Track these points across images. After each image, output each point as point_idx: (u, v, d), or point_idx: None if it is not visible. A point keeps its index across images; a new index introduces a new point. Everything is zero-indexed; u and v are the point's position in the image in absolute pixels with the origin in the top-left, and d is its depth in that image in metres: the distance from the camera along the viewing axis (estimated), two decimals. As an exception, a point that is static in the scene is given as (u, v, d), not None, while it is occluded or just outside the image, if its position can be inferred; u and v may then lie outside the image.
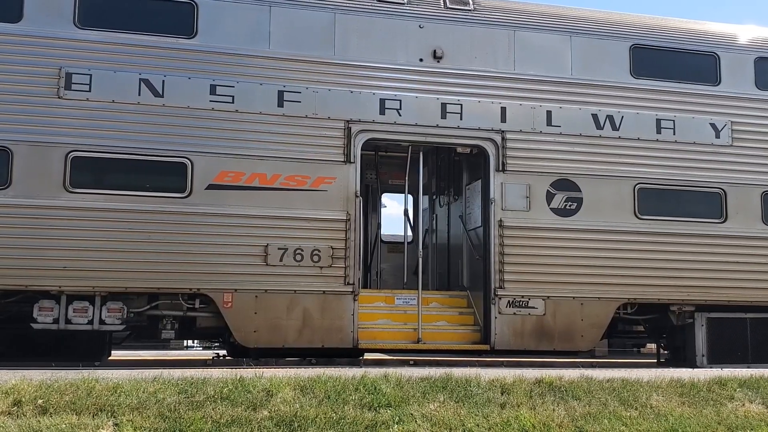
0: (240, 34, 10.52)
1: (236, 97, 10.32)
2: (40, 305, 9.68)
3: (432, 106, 10.92)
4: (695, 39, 12.03)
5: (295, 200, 10.31)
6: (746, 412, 7.61)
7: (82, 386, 6.80)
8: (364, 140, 10.66)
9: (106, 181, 10.03)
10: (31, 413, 6.29)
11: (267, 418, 6.50)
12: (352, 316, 10.32)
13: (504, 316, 10.73)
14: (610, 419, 7.11)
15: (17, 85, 9.76)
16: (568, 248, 10.97)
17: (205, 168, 10.12)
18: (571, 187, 11.15)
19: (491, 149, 11.01)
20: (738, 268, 11.43)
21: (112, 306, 9.86)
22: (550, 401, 7.39)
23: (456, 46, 11.15)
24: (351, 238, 10.41)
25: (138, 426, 6.17)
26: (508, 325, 10.72)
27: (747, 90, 11.99)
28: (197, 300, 10.17)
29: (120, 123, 9.95)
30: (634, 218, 11.28)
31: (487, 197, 11.02)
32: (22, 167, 9.63)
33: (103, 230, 9.72)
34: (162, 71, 10.17)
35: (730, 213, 11.59)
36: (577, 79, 11.43)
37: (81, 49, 10.02)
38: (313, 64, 10.65)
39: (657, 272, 11.17)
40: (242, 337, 10.06)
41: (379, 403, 6.95)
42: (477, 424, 6.78)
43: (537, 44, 11.41)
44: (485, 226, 11.03)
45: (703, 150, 11.66)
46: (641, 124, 11.49)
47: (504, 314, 10.73)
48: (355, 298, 10.36)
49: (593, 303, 10.99)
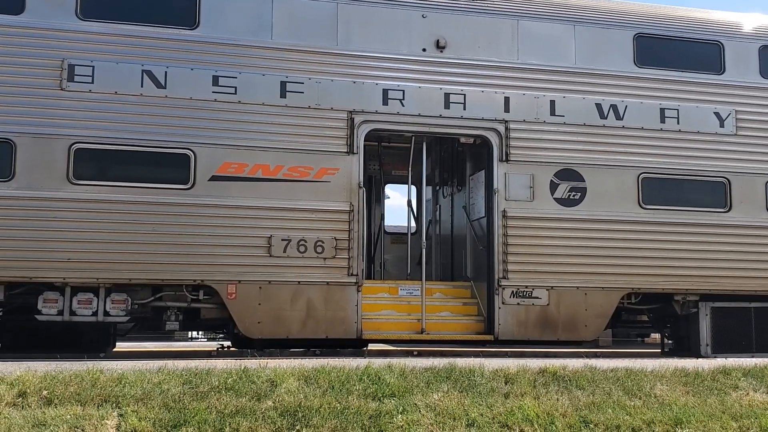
0: (242, 25, 10.50)
1: (239, 88, 10.31)
2: (44, 297, 9.71)
3: (435, 96, 10.90)
4: (699, 28, 11.97)
5: (299, 191, 10.31)
6: (750, 401, 7.61)
7: (86, 377, 6.83)
8: (367, 131, 10.64)
9: (109, 172, 10.03)
10: (36, 404, 6.32)
11: (271, 408, 6.52)
12: (355, 306, 10.33)
13: (508, 307, 10.72)
14: (614, 408, 7.12)
15: (20, 77, 9.76)
16: (571, 238, 10.95)
17: (208, 159, 10.11)
18: (575, 177, 11.13)
19: (495, 139, 10.99)
20: (742, 257, 11.41)
21: (117, 297, 9.89)
22: (554, 391, 7.40)
23: (459, 35, 11.11)
24: (354, 229, 10.41)
25: (142, 416, 6.19)
26: (512, 315, 10.72)
27: (751, 79, 11.94)
28: (201, 291, 10.18)
29: (123, 114, 9.94)
30: (638, 208, 11.25)
31: (490, 187, 11.00)
32: (25, 159, 9.64)
33: (107, 222, 9.73)
34: (164, 62, 10.16)
35: (735, 202, 11.56)
36: (581, 69, 11.39)
37: (83, 40, 10.01)
38: (315, 54, 10.63)
39: (661, 262, 11.16)
40: (246, 328, 10.08)
41: (383, 393, 6.97)
42: (481, 413, 6.79)
43: (540, 33, 11.37)
44: (489, 216, 11.02)
45: (707, 139, 11.62)
46: (645, 114, 11.45)
47: (508, 304, 10.73)
48: (358, 289, 10.36)
49: (597, 293, 10.98)
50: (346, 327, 10.31)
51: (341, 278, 10.32)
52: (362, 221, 10.55)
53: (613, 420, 6.90)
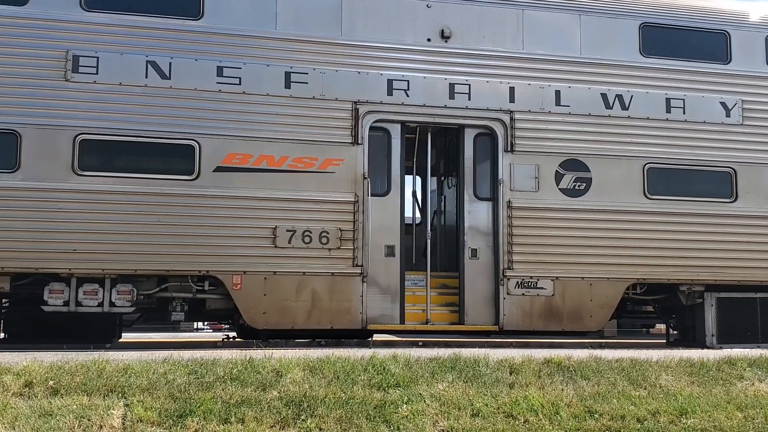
0: (247, 15, 10.48)
1: (243, 78, 10.30)
2: (50, 288, 9.73)
3: (440, 86, 10.87)
4: (705, 17, 11.91)
5: (303, 182, 10.30)
6: (756, 391, 7.61)
7: (92, 368, 6.86)
8: (371, 121, 10.63)
9: (114, 163, 10.05)
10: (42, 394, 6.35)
11: (276, 398, 6.54)
12: (360, 297, 10.34)
13: (512, 297, 10.72)
14: (618, 399, 7.12)
15: (25, 69, 9.76)
16: (577, 228, 10.94)
17: (212, 150, 10.11)
18: (580, 167, 11.10)
19: (500, 129, 10.96)
20: (748, 247, 11.37)
21: (122, 288, 9.91)
22: (559, 381, 7.40)
23: (464, 25, 11.07)
24: (359, 219, 10.41)
25: (148, 406, 6.22)
26: (517, 305, 10.72)
27: (758, 68, 11.88)
28: (206, 282, 10.21)
29: (127, 105, 9.95)
30: (644, 198, 11.22)
31: (495, 178, 10.98)
32: (30, 150, 9.65)
33: (112, 213, 9.74)
34: (169, 53, 10.15)
35: (740, 192, 11.52)
36: (586, 59, 11.35)
37: (88, 31, 10.00)
38: (320, 44, 10.60)
39: (666, 252, 11.14)
40: (251, 319, 10.10)
41: (388, 383, 6.98)
42: (485, 403, 6.80)
43: (546, 23, 11.32)
44: (494, 207, 10.99)
45: (713, 129, 11.58)
46: (651, 104, 11.41)
47: (513, 295, 10.72)
48: (363, 279, 10.37)
49: (602, 283, 10.97)
50: (351, 317, 10.32)
51: (346, 269, 10.32)
52: (367, 212, 10.54)
53: (618, 410, 6.91)
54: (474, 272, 10.84)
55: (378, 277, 10.56)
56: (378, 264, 10.55)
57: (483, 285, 10.83)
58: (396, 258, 10.65)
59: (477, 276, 10.83)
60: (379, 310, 10.55)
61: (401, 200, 10.86)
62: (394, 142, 10.85)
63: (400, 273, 10.69)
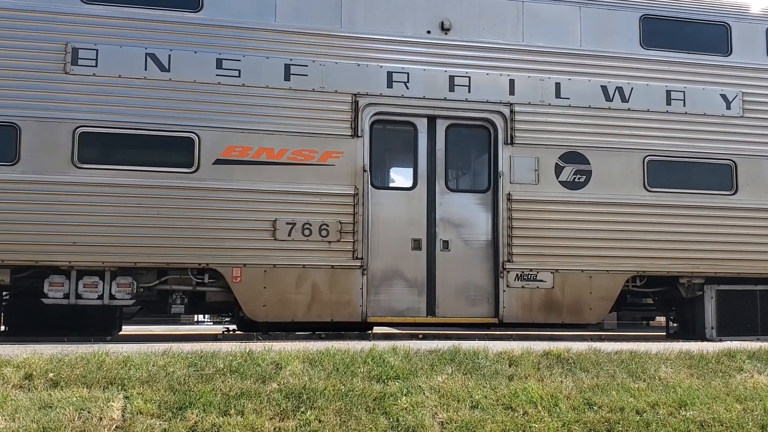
0: (246, 7, 10.45)
1: (243, 71, 10.28)
2: (50, 281, 9.75)
3: (440, 78, 10.85)
4: (706, 9, 11.87)
5: (303, 175, 10.30)
6: (755, 383, 7.62)
7: (92, 360, 6.87)
8: (371, 114, 10.61)
9: (113, 156, 10.03)
10: (42, 386, 6.36)
11: (276, 390, 6.55)
12: (360, 290, 10.34)
13: (512, 290, 10.73)
14: (618, 391, 7.13)
15: (24, 61, 9.73)
16: (576, 221, 10.93)
17: (212, 143, 10.11)
18: (580, 160, 11.09)
19: (499, 122, 10.95)
20: (748, 240, 11.37)
21: (122, 281, 9.93)
22: (558, 373, 7.42)
23: (464, 17, 11.05)
24: (359, 212, 10.40)
25: (148, 399, 6.23)
26: (517, 298, 10.73)
27: (758, 60, 11.84)
28: (206, 275, 10.21)
29: (127, 98, 9.93)
30: (644, 190, 11.22)
31: (495, 170, 10.97)
32: (30, 143, 9.64)
33: (112, 205, 9.73)
34: (168, 45, 10.13)
35: (741, 185, 11.51)
36: (587, 51, 11.32)
37: (87, 24, 9.97)
38: (319, 37, 10.58)
39: (666, 245, 11.13)
40: (251, 312, 10.10)
41: (388, 375, 6.99)
42: (485, 395, 6.81)
43: (546, 15, 11.29)
44: (494, 199, 10.98)
45: (713, 121, 11.55)
46: (651, 96, 11.39)
47: (512, 287, 10.73)
48: (363, 272, 10.37)
49: (602, 276, 10.97)
50: (351, 310, 10.33)
51: (346, 261, 10.32)
52: (367, 205, 10.53)
53: (617, 402, 6.92)
54: (445, 265, 10.73)
55: (405, 270, 10.58)
56: (403, 258, 10.55)
57: (455, 277, 10.74)
58: (422, 251, 10.64)
59: (448, 268, 10.71)
60: (406, 303, 10.58)
61: (428, 194, 10.83)
62: (420, 135, 10.85)
63: (428, 266, 10.68)
